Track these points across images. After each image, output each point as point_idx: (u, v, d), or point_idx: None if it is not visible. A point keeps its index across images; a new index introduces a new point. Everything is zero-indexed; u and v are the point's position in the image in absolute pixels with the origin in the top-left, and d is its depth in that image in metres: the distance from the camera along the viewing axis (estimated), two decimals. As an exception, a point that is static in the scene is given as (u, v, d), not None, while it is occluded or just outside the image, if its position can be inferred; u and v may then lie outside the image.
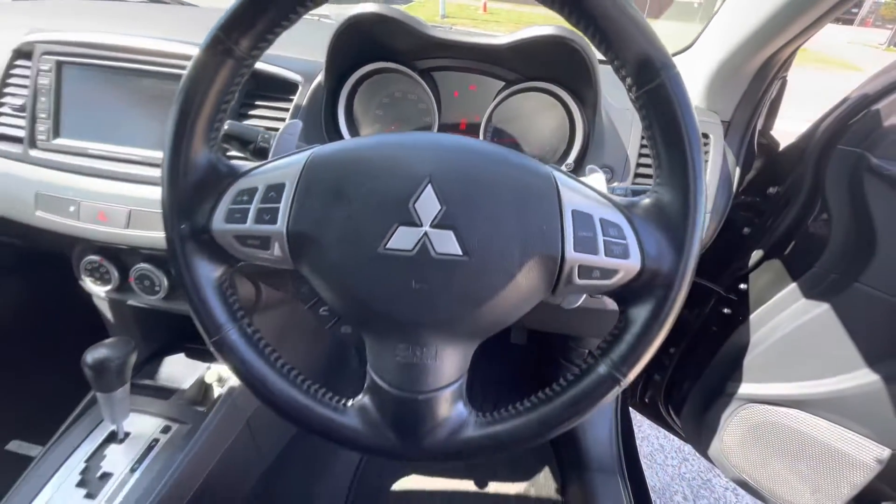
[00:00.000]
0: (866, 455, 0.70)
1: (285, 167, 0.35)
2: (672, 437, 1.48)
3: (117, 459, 0.60)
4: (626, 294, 0.35)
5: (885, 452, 0.68)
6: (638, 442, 1.47)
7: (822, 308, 0.68)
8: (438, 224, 0.32)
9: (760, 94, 0.65)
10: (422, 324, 0.33)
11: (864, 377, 0.66)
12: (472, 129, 0.64)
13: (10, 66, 0.63)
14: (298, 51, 0.61)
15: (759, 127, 0.75)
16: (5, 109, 0.63)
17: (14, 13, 0.81)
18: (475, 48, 0.57)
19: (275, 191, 0.34)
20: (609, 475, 0.91)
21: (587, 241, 0.33)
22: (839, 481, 0.74)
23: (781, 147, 0.78)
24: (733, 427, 0.84)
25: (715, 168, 0.63)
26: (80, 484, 0.58)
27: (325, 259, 0.33)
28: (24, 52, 0.63)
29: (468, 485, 0.99)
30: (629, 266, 0.33)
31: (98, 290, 0.68)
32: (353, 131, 0.62)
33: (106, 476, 0.59)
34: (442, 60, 0.61)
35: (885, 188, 0.58)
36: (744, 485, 0.87)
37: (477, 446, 0.36)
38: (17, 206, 0.61)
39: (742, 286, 0.81)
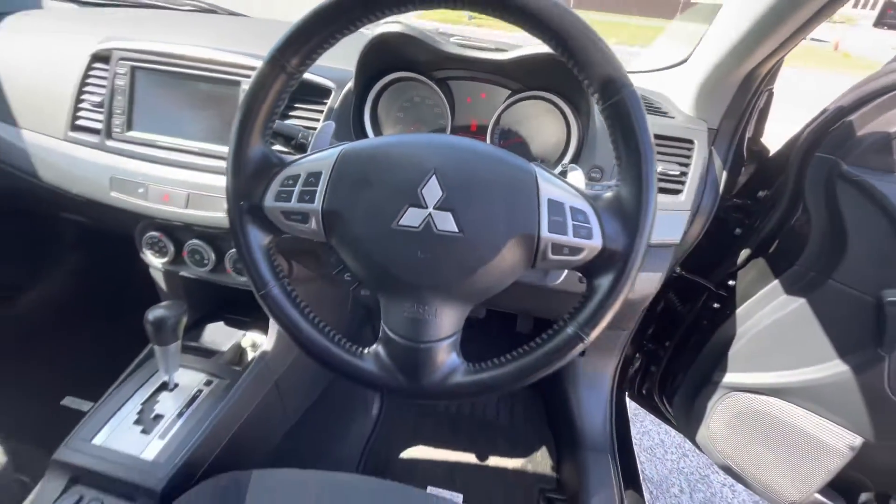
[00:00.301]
0: (839, 442, 0.75)
1: (322, 159, 0.44)
2: (673, 432, 1.53)
3: (168, 405, 0.71)
4: (591, 268, 0.43)
5: (857, 440, 0.73)
6: (639, 436, 1.53)
7: (800, 303, 0.73)
8: (440, 207, 0.41)
9: (746, 104, 0.71)
10: (425, 286, 0.42)
11: (835, 367, 0.71)
12: (481, 131, 0.72)
13: (89, 68, 0.75)
14: (332, 60, 0.70)
15: (749, 135, 0.81)
16: (85, 105, 0.75)
17: (82, 22, 0.93)
18: (484, 62, 0.65)
19: (313, 177, 0.43)
20: (601, 454, 0.98)
21: (559, 224, 0.41)
22: (815, 467, 0.79)
23: (771, 153, 0.84)
24: (718, 414, 0.90)
25: (697, 171, 0.69)
26: (137, 422, 0.69)
27: (350, 232, 0.42)
28: (101, 57, 0.74)
29: (470, 457, 1.08)
30: (592, 245, 0.41)
31: (156, 262, 0.79)
32: (377, 131, 0.72)
33: (158, 417, 0.69)
34: (456, 71, 0.69)
35: (854, 193, 0.64)
36: (728, 470, 0.93)
37: (466, 389, 0.45)
38: (94, 187, 0.73)
39: (731, 283, 0.87)
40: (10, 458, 0.89)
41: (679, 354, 1.01)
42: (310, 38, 0.40)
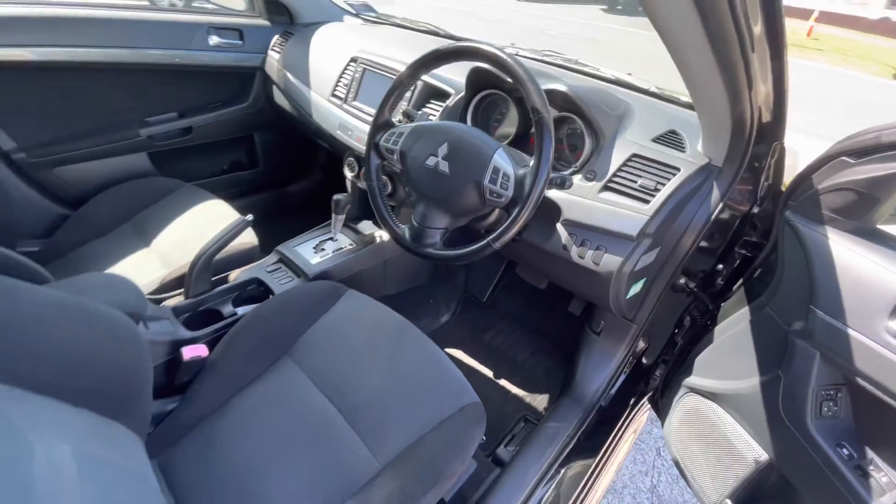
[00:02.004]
0: (749, 453, 0.88)
1: (408, 126, 0.91)
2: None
3: (329, 246, 1.32)
4: (507, 207, 0.79)
5: (763, 456, 0.85)
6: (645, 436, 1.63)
7: (747, 322, 0.87)
8: (443, 158, 0.83)
9: (744, 149, 0.85)
10: (429, 197, 0.86)
11: (751, 382, 0.84)
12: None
13: (347, 64, 1.38)
14: (454, 74, 1.16)
15: (767, 182, 0.93)
16: (340, 83, 1.39)
17: (359, 34, 1.60)
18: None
19: (401, 133, 0.91)
20: (576, 406, 1.23)
21: (494, 179, 0.79)
22: (728, 472, 0.92)
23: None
24: (676, 412, 1.06)
25: (669, 191, 0.87)
26: (315, 249, 1.31)
27: (406, 163, 0.89)
28: (353, 59, 1.37)
29: (488, 374, 1.45)
30: (507, 194, 0.78)
31: (348, 174, 1.41)
32: (474, 125, 1.15)
33: (322, 251, 1.31)
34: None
35: (791, 235, 0.77)
36: (676, 464, 1.08)
37: (430, 255, 0.88)
38: (332, 127, 1.37)
39: (723, 303, 1.02)
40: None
41: (677, 357, 1.16)
42: (415, 69, 0.88)
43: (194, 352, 0.92)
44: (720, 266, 1.06)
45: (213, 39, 1.57)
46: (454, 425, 0.84)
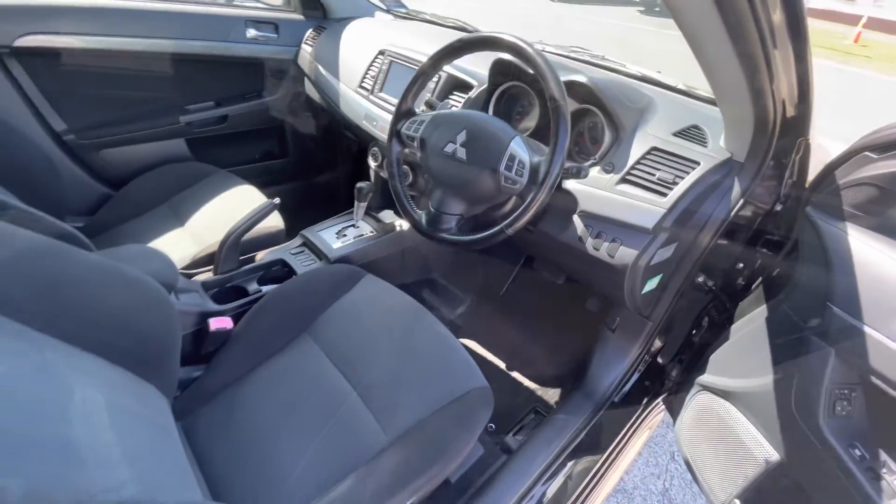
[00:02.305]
0: (759, 452, 0.87)
1: (429, 115, 0.94)
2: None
3: (351, 233, 1.37)
4: (521, 194, 0.81)
5: (774, 456, 0.84)
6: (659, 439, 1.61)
7: (763, 319, 0.86)
8: (461, 145, 0.86)
9: (767, 146, 0.84)
10: (448, 182, 0.89)
11: (765, 379, 0.83)
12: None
13: (374, 57, 1.42)
14: (478, 66, 1.18)
15: (792, 179, 0.92)
16: (367, 75, 1.43)
17: (388, 28, 1.64)
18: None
19: (422, 122, 0.94)
20: (587, 401, 1.23)
21: (509, 166, 0.81)
22: (737, 472, 0.91)
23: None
24: (689, 410, 1.05)
25: (687, 185, 0.87)
26: (337, 235, 1.36)
27: (425, 150, 0.92)
28: (381, 52, 1.41)
29: (500, 365, 1.47)
30: (522, 181, 0.80)
31: (372, 164, 1.45)
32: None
33: (344, 237, 1.35)
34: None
35: (810, 230, 0.76)
36: (687, 463, 1.07)
37: (444, 240, 0.90)
38: (357, 118, 1.42)
39: (741, 301, 1.00)
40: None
41: (686, 355, 1.15)
42: (438, 59, 0.91)
43: (220, 323, 0.98)
44: (741, 265, 1.05)
45: (251, 32, 1.64)
46: (462, 406, 0.86)
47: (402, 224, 1.44)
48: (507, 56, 1.03)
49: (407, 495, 0.74)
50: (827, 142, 0.94)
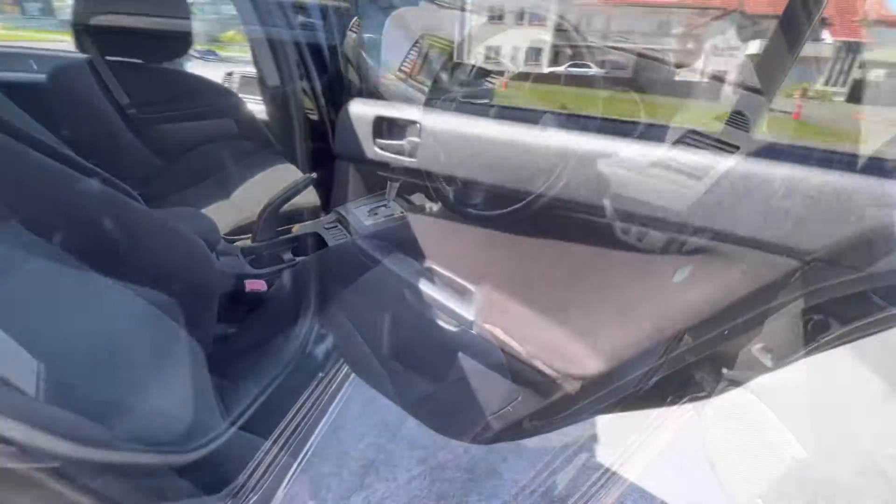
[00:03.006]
0: (787, 450, 0.83)
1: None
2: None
3: (382, 212, 1.40)
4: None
5: (801, 454, 0.80)
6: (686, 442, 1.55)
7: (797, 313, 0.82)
8: None
9: None
10: None
11: (795, 374, 0.79)
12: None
13: (415, 42, 1.45)
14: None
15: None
16: (407, 59, 1.47)
17: (430, 17, 1.67)
18: None
19: (456, 99, 0.95)
20: (609, 391, 1.21)
21: None
22: (761, 471, 0.87)
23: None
24: (715, 405, 1.01)
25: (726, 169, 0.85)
26: (369, 213, 1.40)
27: None
28: (422, 36, 1.44)
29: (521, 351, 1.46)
30: None
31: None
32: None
33: (375, 215, 1.39)
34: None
35: None
36: (709, 460, 1.04)
37: (472, 215, 0.91)
38: (397, 101, 1.45)
39: None
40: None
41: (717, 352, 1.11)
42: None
43: (255, 286, 1.04)
44: None
45: (300, 18, 1.71)
46: (476, 381, 0.87)
47: (432, 207, 1.46)
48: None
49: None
50: None
